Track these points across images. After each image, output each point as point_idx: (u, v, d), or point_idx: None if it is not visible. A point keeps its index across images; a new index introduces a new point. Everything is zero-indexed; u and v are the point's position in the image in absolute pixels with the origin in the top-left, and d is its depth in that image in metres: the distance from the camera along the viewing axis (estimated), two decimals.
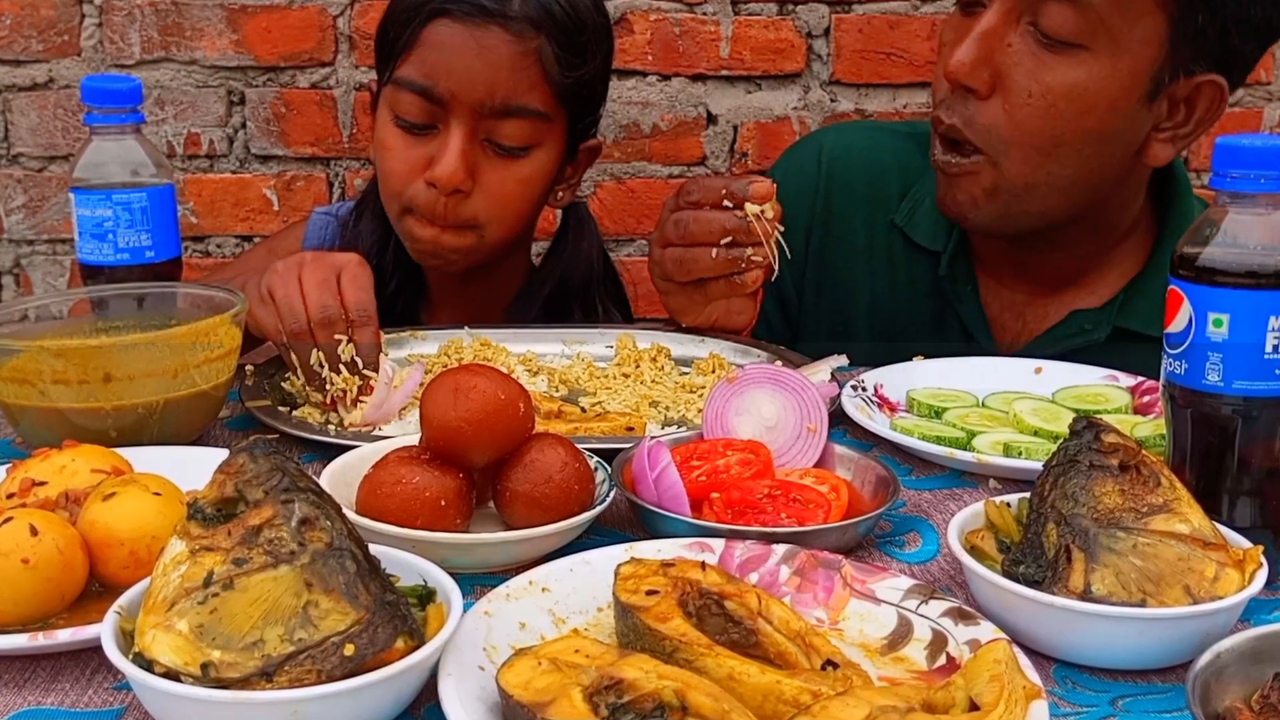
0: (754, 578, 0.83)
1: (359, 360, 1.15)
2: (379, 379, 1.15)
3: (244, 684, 0.64)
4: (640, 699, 0.63)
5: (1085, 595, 0.76)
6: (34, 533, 0.77)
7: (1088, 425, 0.83)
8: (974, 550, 0.83)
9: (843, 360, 1.24)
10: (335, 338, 1.14)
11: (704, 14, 2.19)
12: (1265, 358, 0.85)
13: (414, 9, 1.37)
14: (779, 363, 1.20)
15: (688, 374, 1.30)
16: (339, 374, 1.14)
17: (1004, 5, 1.26)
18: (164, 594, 0.67)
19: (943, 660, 0.75)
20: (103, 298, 1.17)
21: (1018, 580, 0.78)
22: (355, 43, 2.17)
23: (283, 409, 1.16)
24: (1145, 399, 1.20)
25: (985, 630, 0.75)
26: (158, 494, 0.82)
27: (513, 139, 1.38)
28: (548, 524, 0.87)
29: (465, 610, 0.73)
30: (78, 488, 0.85)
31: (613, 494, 0.93)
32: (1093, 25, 1.22)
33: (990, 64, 1.26)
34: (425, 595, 0.74)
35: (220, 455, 0.73)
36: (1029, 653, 0.75)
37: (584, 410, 1.19)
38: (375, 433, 1.13)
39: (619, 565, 0.76)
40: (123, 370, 1.03)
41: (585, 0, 1.41)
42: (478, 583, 0.86)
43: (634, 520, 0.96)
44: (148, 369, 1.04)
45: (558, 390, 1.26)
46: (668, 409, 1.21)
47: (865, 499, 0.96)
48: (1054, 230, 1.36)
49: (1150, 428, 1.10)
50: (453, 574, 0.75)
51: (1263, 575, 0.78)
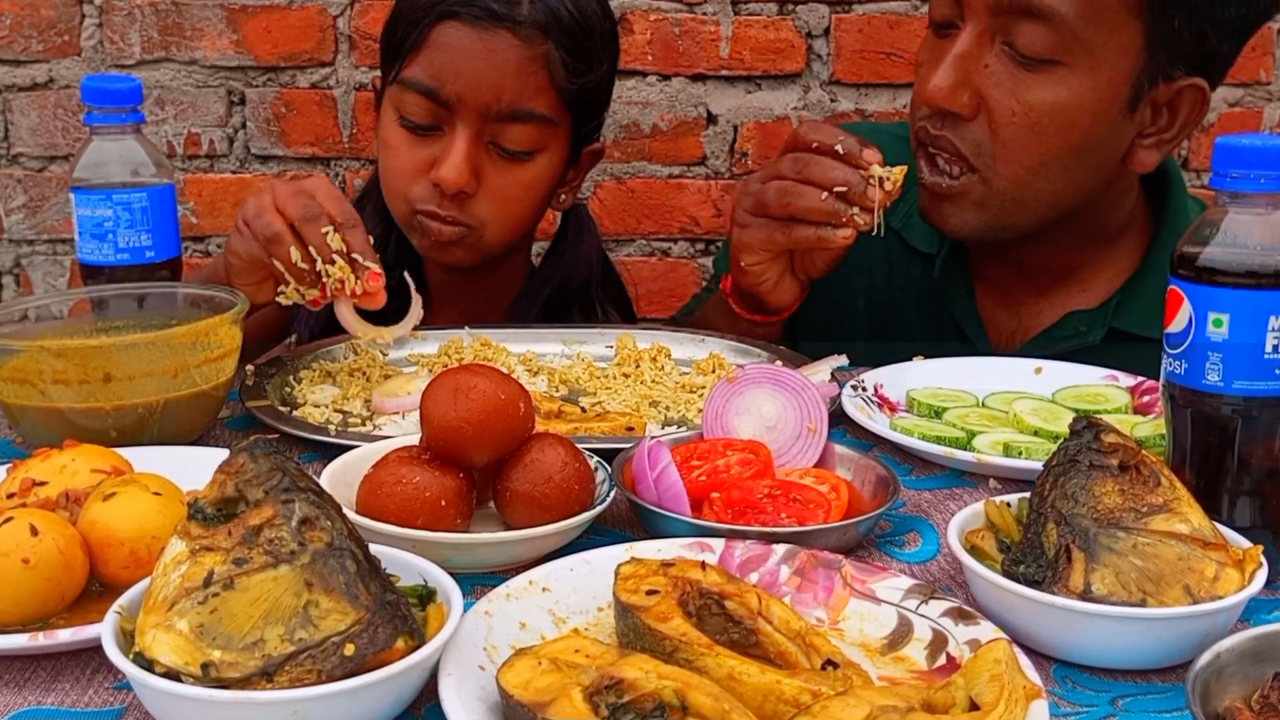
0: (754, 578, 0.83)
1: (356, 256, 1.15)
2: (413, 301, 1.21)
3: (244, 684, 0.64)
4: (640, 699, 0.63)
5: (1085, 595, 0.76)
6: (34, 533, 0.77)
7: (1088, 425, 0.83)
8: (974, 550, 0.83)
9: (843, 360, 1.24)
10: (322, 230, 1.14)
11: (704, 14, 2.19)
12: (1265, 358, 0.85)
13: (423, 10, 1.37)
14: (779, 363, 1.20)
15: (688, 374, 1.31)
16: (334, 264, 1.14)
17: (977, 27, 1.26)
18: (164, 594, 0.67)
19: (943, 660, 0.75)
20: (103, 298, 1.17)
21: (1018, 580, 0.78)
22: (355, 43, 2.17)
23: (283, 409, 1.16)
24: (1145, 399, 1.20)
25: (985, 630, 0.75)
26: (158, 494, 0.82)
27: (518, 143, 1.38)
28: (548, 524, 0.87)
29: (465, 610, 0.73)
30: (78, 488, 0.85)
31: (613, 494, 0.93)
32: (1067, 41, 1.22)
33: (969, 86, 1.26)
34: (425, 595, 0.74)
35: (220, 455, 0.73)
36: (1029, 653, 0.75)
37: (584, 410, 1.19)
38: (375, 432, 1.13)
39: (619, 565, 0.77)
40: (123, 370, 1.03)
41: (593, 6, 1.42)
42: (478, 583, 0.86)
43: (634, 520, 0.96)
44: (148, 369, 1.04)
45: (558, 390, 1.26)
46: (668, 409, 1.21)
47: (865, 499, 0.96)
48: (1044, 234, 1.36)
49: (1150, 428, 1.10)
50: (453, 574, 0.75)
51: (1262, 575, 0.78)
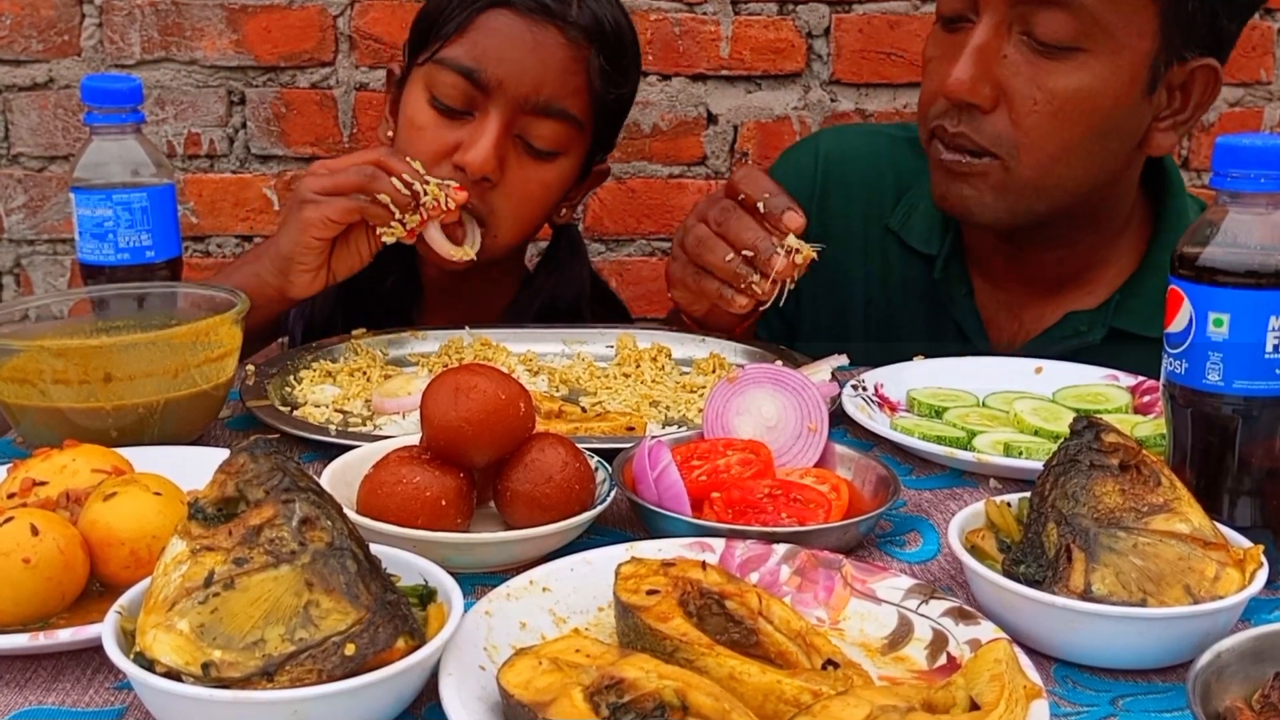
0: (754, 577, 0.83)
1: (434, 182, 1.26)
2: (469, 227, 1.33)
3: (245, 684, 0.65)
4: (641, 699, 0.63)
5: (1085, 595, 0.76)
6: (35, 532, 0.77)
7: (1088, 425, 0.83)
8: (974, 550, 0.83)
9: (843, 360, 1.24)
10: (405, 160, 1.24)
11: (704, 14, 2.19)
12: (1265, 357, 0.85)
13: None
14: (779, 363, 1.20)
15: (688, 374, 1.31)
16: (427, 185, 1.23)
17: (994, 18, 1.26)
18: (165, 594, 0.67)
19: (943, 660, 0.75)
20: (103, 298, 1.17)
21: (1018, 580, 0.78)
22: (355, 43, 2.17)
23: (283, 409, 1.16)
24: (1145, 399, 1.20)
25: (985, 630, 0.75)
26: (158, 494, 0.82)
27: (545, 140, 1.39)
28: (548, 524, 0.87)
29: (466, 610, 0.73)
30: (78, 487, 0.85)
31: (613, 494, 0.93)
32: (1088, 26, 1.22)
33: (989, 78, 1.26)
34: (426, 595, 0.74)
35: (220, 455, 0.73)
36: (1029, 652, 0.75)
37: (584, 410, 1.19)
38: (376, 432, 1.13)
39: (619, 565, 0.77)
40: (123, 370, 1.03)
41: (628, 27, 1.46)
42: (478, 582, 0.86)
43: (634, 520, 0.96)
44: (148, 369, 1.04)
45: (558, 390, 1.26)
46: (668, 409, 1.21)
47: (865, 499, 0.96)
48: (1051, 227, 1.36)
49: (1150, 428, 1.10)
50: (453, 574, 0.75)
51: (1263, 575, 0.78)
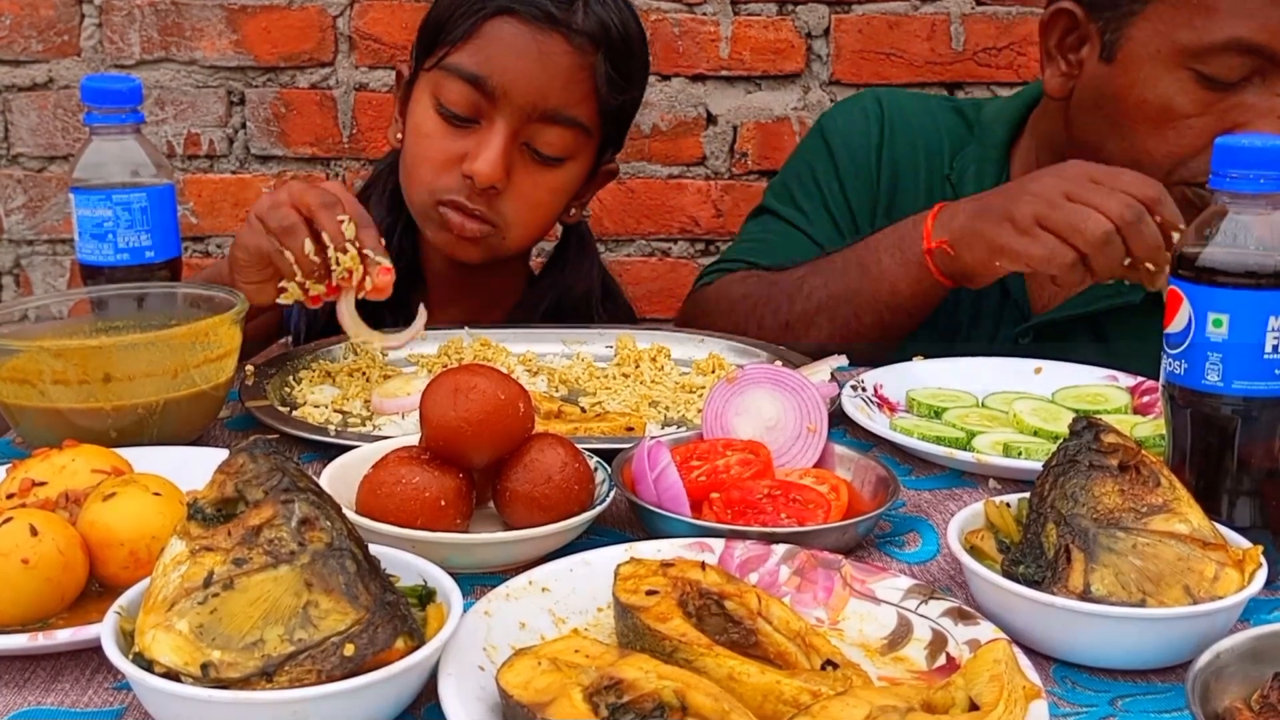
0: (754, 578, 0.83)
1: (368, 252, 1.16)
2: (418, 316, 1.23)
3: (244, 684, 0.64)
4: (640, 699, 0.63)
5: (1085, 595, 0.76)
6: (34, 533, 0.77)
7: (1087, 425, 0.83)
8: (974, 550, 0.83)
9: (843, 360, 1.24)
10: (338, 219, 1.14)
11: (704, 14, 2.19)
12: (1265, 358, 0.85)
13: (480, 0, 1.37)
14: (779, 363, 1.20)
15: (687, 374, 1.30)
16: (346, 253, 1.14)
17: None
18: (164, 594, 0.67)
19: (943, 660, 0.75)
20: (103, 298, 1.17)
21: (1017, 580, 0.78)
22: (355, 43, 2.17)
23: (283, 409, 1.16)
24: (1145, 399, 1.20)
25: (985, 630, 0.75)
26: (158, 494, 0.82)
27: (552, 147, 1.39)
28: (548, 524, 0.87)
29: (465, 610, 0.73)
30: (78, 488, 0.85)
31: (613, 494, 0.93)
32: None
33: None
34: (425, 595, 0.74)
35: (220, 455, 0.73)
36: (1029, 653, 0.75)
37: (584, 410, 1.19)
38: (375, 432, 1.13)
39: (619, 565, 0.77)
40: (123, 370, 1.03)
41: (637, 30, 1.45)
42: (478, 583, 0.86)
43: (634, 520, 0.96)
44: (148, 369, 1.04)
45: (558, 390, 1.26)
46: (668, 409, 1.21)
47: (865, 499, 0.96)
48: None
49: (1150, 428, 1.10)
50: (453, 574, 0.75)
51: (1262, 575, 0.78)
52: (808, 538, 0.87)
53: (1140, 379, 1.23)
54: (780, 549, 0.85)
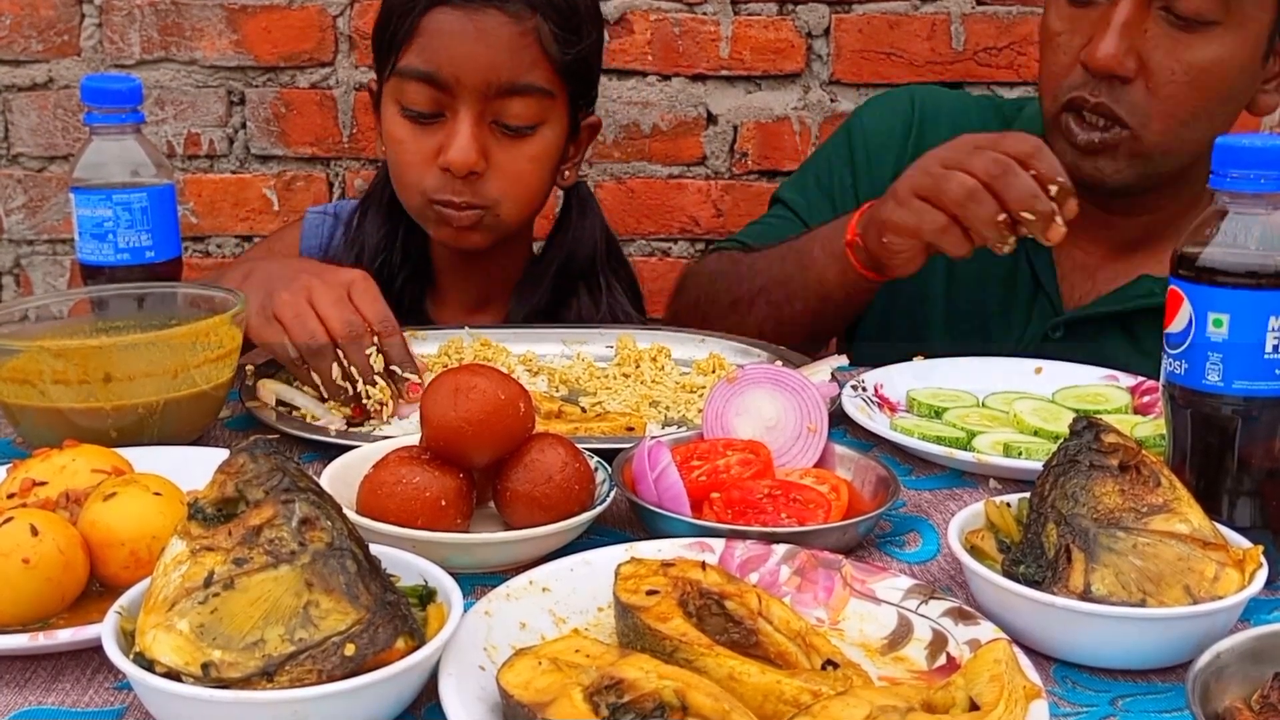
0: (754, 578, 0.83)
1: (395, 368, 1.16)
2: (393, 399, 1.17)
3: (245, 684, 0.65)
4: (640, 699, 0.63)
5: (1085, 595, 0.76)
6: (34, 533, 0.77)
7: (1088, 425, 0.83)
8: (974, 550, 0.83)
9: (843, 360, 1.24)
10: (365, 350, 1.14)
11: (704, 14, 2.19)
12: (1265, 358, 0.85)
13: (411, 0, 1.39)
14: (779, 363, 1.20)
15: (688, 374, 1.30)
16: (375, 385, 1.14)
17: None
18: (165, 594, 0.67)
19: (943, 660, 0.75)
20: (103, 298, 1.17)
21: (1018, 580, 0.78)
22: (355, 43, 2.17)
23: (282, 409, 1.16)
24: (1145, 399, 1.20)
25: (985, 630, 0.75)
26: (158, 494, 0.82)
27: (520, 118, 1.40)
28: (548, 524, 0.87)
29: (465, 610, 0.73)
30: (78, 488, 0.85)
31: (613, 494, 0.93)
32: (1224, 1, 1.30)
33: (1133, 51, 1.32)
34: (425, 595, 0.74)
35: (220, 455, 0.73)
36: (1029, 653, 0.75)
37: (584, 410, 1.19)
38: (375, 433, 1.13)
39: (619, 565, 0.77)
40: (123, 370, 1.03)
41: None
42: (478, 583, 0.86)
43: (634, 520, 0.96)
44: (148, 369, 1.04)
45: (558, 390, 1.26)
46: (668, 409, 1.21)
47: (865, 499, 0.96)
48: (1149, 191, 1.40)
49: (1150, 428, 1.10)
50: (453, 574, 0.75)
51: (1262, 575, 0.78)
52: (808, 538, 0.87)
53: (1140, 379, 1.23)
54: (780, 549, 0.85)
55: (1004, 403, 1.20)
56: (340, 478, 0.93)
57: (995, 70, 2.23)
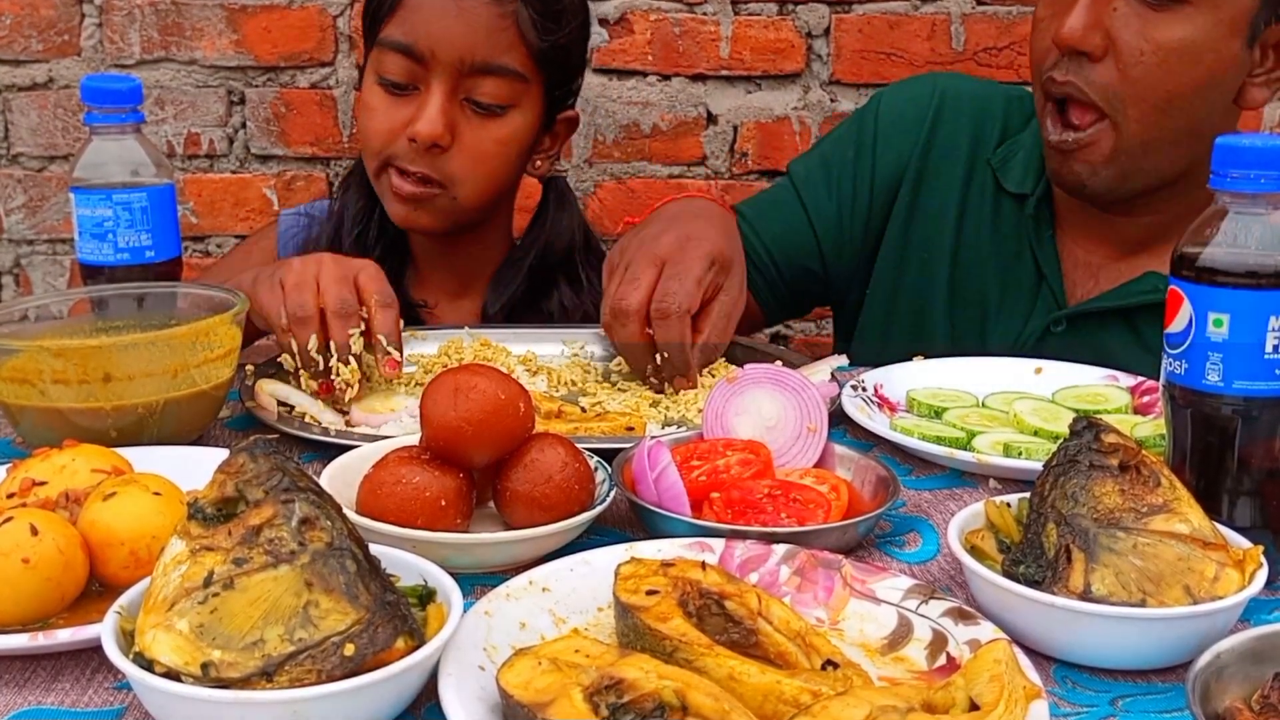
0: (754, 578, 0.83)
1: (383, 339, 1.16)
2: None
3: (244, 684, 0.64)
4: (640, 699, 0.63)
5: (1085, 595, 0.76)
6: (34, 532, 0.77)
7: (1088, 425, 0.83)
8: (974, 550, 0.83)
9: (843, 360, 1.24)
10: (349, 331, 1.15)
11: (704, 14, 2.19)
12: (1265, 358, 0.85)
13: None
14: (779, 363, 1.20)
15: None
16: (347, 364, 1.15)
17: None
18: (164, 594, 0.67)
19: (943, 660, 0.75)
20: (103, 298, 1.17)
21: (1018, 580, 0.78)
22: (355, 43, 2.17)
23: (282, 409, 1.16)
24: (1145, 399, 1.20)
25: (985, 630, 0.75)
26: (158, 494, 0.82)
27: (491, 97, 1.43)
28: (548, 524, 0.87)
29: (465, 610, 0.73)
30: (78, 488, 0.85)
31: (613, 494, 0.93)
32: None
33: (1100, 28, 1.31)
34: (425, 595, 0.74)
35: (220, 455, 0.73)
36: (1029, 653, 0.75)
37: (584, 410, 1.19)
38: (376, 433, 1.13)
39: (619, 565, 0.77)
40: (123, 370, 1.03)
41: None
42: (478, 583, 0.86)
43: (634, 520, 0.96)
44: (148, 369, 1.04)
45: (558, 390, 1.26)
46: (668, 409, 1.21)
47: (865, 499, 0.96)
48: (1146, 193, 1.39)
49: (1150, 428, 1.10)
50: (453, 574, 0.75)
51: (1263, 575, 0.78)
52: (808, 538, 0.87)
53: (1140, 379, 1.23)
54: (780, 549, 0.85)
55: (1004, 403, 1.20)
56: (340, 478, 0.93)
57: (995, 70, 2.23)
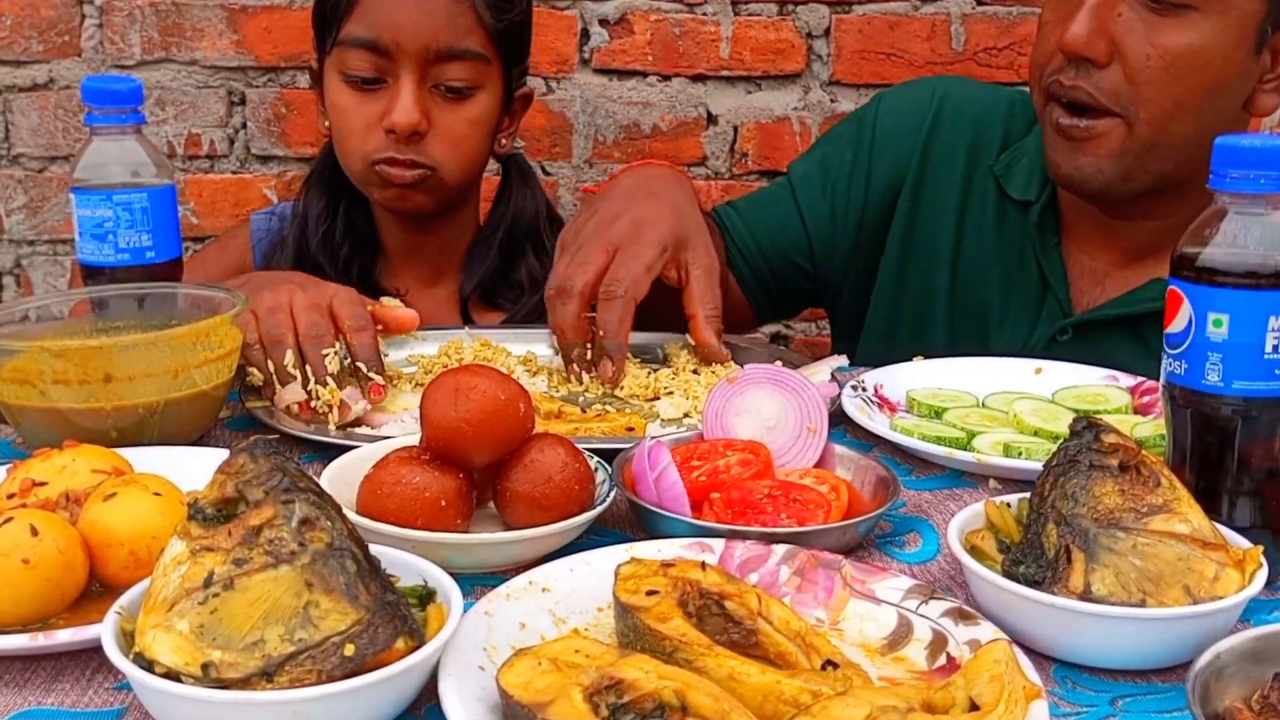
0: (754, 578, 0.83)
1: (361, 366, 1.17)
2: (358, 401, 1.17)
3: (244, 684, 0.65)
4: (640, 699, 0.63)
5: (1085, 595, 0.76)
6: (34, 533, 0.77)
7: (1088, 425, 0.83)
8: (974, 550, 0.83)
9: (843, 360, 1.24)
10: (322, 352, 1.16)
11: (704, 14, 2.19)
12: (1265, 358, 0.85)
13: None
14: (779, 363, 1.20)
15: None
16: (325, 386, 1.15)
17: None
18: (164, 594, 0.67)
19: (943, 660, 0.75)
20: (103, 298, 1.17)
21: (1018, 580, 0.78)
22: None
23: (282, 409, 1.16)
24: (1145, 399, 1.20)
25: (985, 630, 0.75)
26: (158, 494, 0.82)
27: (459, 79, 1.48)
28: (548, 524, 0.87)
29: (465, 610, 0.73)
30: (78, 488, 0.85)
31: (613, 494, 0.93)
32: None
33: (1105, 33, 1.31)
34: (425, 595, 0.74)
35: (220, 455, 0.73)
36: (1029, 653, 0.75)
37: (584, 410, 1.19)
38: (376, 433, 1.13)
39: (619, 565, 0.77)
40: (123, 370, 1.03)
41: None
42: (478, 583, 0.86)
43: (634, 520, 0.96)
44: (148, 369, 1.04)
45: (558, 390, 1.26)
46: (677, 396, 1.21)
47: (865, 499, 0.96)
48: (1150, 198, 1.38)
49: (1150, 428, 1.10)
50: (453, 574, 0.75)
51: (1262, 575, 0.78)
52: (808, 538, 0.87)
53: (1140, 379, 1.23)
54: (780, 549, 0.85)
55: (1004, 403, 1.20)
56: (340, 478, 0.93)
57: (995, 71, 2.23)
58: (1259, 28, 1.30)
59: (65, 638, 0.74)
